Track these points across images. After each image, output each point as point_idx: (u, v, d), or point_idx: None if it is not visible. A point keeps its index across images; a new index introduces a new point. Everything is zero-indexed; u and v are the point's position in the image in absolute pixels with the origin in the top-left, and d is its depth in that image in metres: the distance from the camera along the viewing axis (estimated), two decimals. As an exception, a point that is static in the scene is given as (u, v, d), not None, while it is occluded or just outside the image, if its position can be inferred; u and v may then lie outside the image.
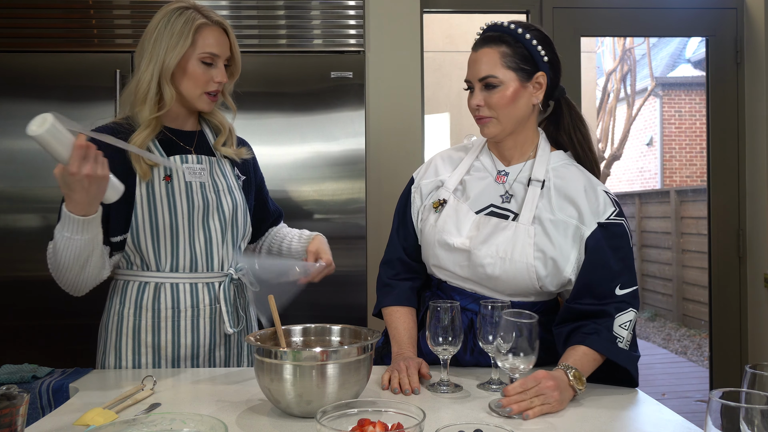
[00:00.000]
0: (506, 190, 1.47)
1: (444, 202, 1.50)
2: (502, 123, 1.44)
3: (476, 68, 1.43)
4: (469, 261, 1.43)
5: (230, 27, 1.56)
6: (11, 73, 2.41)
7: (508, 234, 1.40)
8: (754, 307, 2.94)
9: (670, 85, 11.20)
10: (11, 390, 0.88)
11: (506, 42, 1.42)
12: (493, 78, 1.41)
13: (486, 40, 1.44)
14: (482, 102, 1.43)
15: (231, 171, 1.62)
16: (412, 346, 1.48)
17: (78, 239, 1.33)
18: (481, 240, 1.42)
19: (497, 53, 1.41)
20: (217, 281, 1.55)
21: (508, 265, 1.39)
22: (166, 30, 1.47)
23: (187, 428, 0.98)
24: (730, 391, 0.75)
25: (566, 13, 2.93)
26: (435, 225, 1.48)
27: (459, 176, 1.52)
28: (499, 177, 1.49)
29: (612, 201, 1.42)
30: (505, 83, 1.41)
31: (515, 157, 1.50)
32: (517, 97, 1.42)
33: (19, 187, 2.38)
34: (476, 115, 1.45)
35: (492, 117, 1.43)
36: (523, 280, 1.40)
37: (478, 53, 1.43)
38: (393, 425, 0.93)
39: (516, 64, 1.41)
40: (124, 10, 2.49)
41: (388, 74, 2.75)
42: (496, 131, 1.45)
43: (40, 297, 2.34)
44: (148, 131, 1.48)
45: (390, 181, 2.70)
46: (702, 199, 6.99)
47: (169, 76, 1.48)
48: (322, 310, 2.40)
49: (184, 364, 1.52)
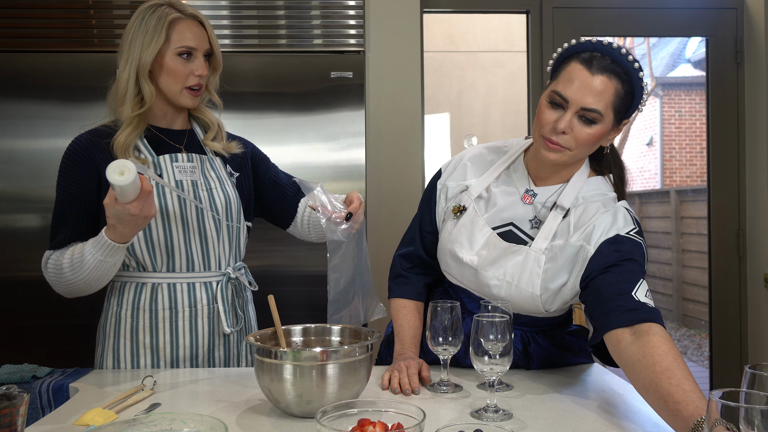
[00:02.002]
0: (535, 215, 1.39)
1: (464, 210, 1.44)
2: (573, 157, 1.32)
3: (585, 93, 1.25)
4: (476, 278, 1.41)
5: (206, 19, 1.55)
6: (11, 73, 2.41)
7: (519, 259, 1.35)
8: (754, 307, 2.94)
9: (670, 85, 11.19)
10: (11, 390, 0.88)
11: (622, 79, 1.27)
12: (597, 114, 1.26)
13: (606, 68, 1.26)
14: (569, 129, 1.27)
15: (223, 168, 1.62)
16: (415, 347, 1.48)
17: (110, 261, 1.38)
18: (490, 261, 1.38)
19: (613, 89, 1.26)
20: (215, 280, 1.55)
21: (513, 290, 1.35)
22: (141, 28, 1.49)
23: (187, 428, 0.98)
24: (730, 391, 0.75)
25: (566, 13, 2.93)
26: (450, 233, 1.45)
27: (485, 184, 1.44)
28: (526, 197, 1.40)
29: (633, 219, 1.32)
30: (603, 123, 1.28)
31: (550, 180, 1.40)
32: (601, 138, 1.31)
33: (19, 187, 2.38)
34: (549, 137, 1.29)
35: (567, 148, 1.29)
36: (527, 305, 1.37)
37: (595, 79, 1.25)
38: (393, 425, 0.93)
39: (620, 107, 1.29)
40: (124, 10, 2.49)
41: (388, 74, 2.74)
42: (562, 161, 1.32)
43: (40, 297, 2.33)
44: (129, 129, 1.48)
45: (390, 182, 2.70)
46: (702, 199, 6.99)
47: (146, 74, 1.48)
48: (322, 309, 2.40)
49: (183, 364, 1.52)
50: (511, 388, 1.34)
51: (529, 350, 1.48)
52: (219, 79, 1.63)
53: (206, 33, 1.53)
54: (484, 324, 1.15)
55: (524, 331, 1.47)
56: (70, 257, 1.41)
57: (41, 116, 2.39)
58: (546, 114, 1.29)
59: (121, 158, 1.44)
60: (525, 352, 1.48)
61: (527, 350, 1.48)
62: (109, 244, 1.34)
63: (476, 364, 1.16)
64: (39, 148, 2.38)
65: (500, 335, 1.15)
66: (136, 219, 1.28)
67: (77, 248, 1.41)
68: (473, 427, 0.87)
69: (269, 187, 1.70)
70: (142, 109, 1.50)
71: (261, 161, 1.72)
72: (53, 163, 2.36)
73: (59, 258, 1.43)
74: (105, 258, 1.37)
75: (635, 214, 1.35)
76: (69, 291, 1.46)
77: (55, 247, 1.46)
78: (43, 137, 2.38)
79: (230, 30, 2.53)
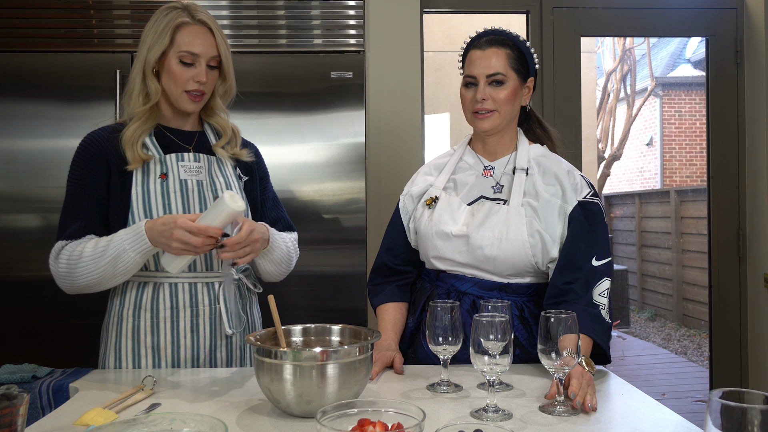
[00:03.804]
0: (496, 182, 1.58)
1: (436, 199, 1.60)
2: (501, 117, 1.56)
3: (485, 64, 1.54)
4: (468, 245, 1.52)
5: (218, 27, 1.54)
6: (11, 73, 2.41)
7: (502, 216, 1.51)
8: (754, 307, 2.95)
9: (670, 85, 11.19)
10: (11, 390, 0.88)
11: (509, 46, 1.56)
12: (501, 75, 1.53)
13: (492, 42, 1.55)
14: (488, 96, 1.53)
15: (232, 171, 1.62)
16: (395, 333, 1.60)
17: (139, 261, 1.42)
18: (478, 224, 1.52)
19: (504, 54, 1.54)
20: (217, 281, 1.55)
21: (505, 245, 1.49)
22: (152, 28, 1.51)
23: (187, 428, 0.98)
24: (730, 391, 0.75)
25: (566, 13, 2.93)
26: (431, 219, 1.58)
27: (447, 176, 1.64)
28: (487, 172, 1.61)
29: (587, 183, 1.55)
30: (509, 81, 1.54)
31: (500, 152, 1.62)
32: (516, 96, 1.56)
33: (19, 187, 2.38)
34: (478, 108, 1.54)
35: (494, 111, 1.54)
36: (519, 257, 1.49)
37: (486, 52, 1.54)
38: (393, 425, 0.93)
39: (517, 66, 1.55)
40: (124, 10, 2.49)
41: (388, 74, 2.75)
42: (494, 124, 1.56)
43: (40, 297, 2.34)
44: (137, 124, 1.50)
45: (390, 182, 2.70)
46: (702, 199, 6.99)
47: (150, 71, 1.50)
48: (321, 310, 2.40)
49: (184, 365, 1.52)
50: (511, 388, 1.34)
51: (525, 315, 1.53)
52: (234, 88, 1.62)
53: (214, 40, 1.52)
54: (484, 324, 1.15)
55: (515, 301, 1.54)
56: (93, 245, 1.42)
57: (41, 116, 2.39)
58: (466, 95, 1.57)
59: (129, 152, 1.47)
60: (521, 317, 1.53)
61: (523, 315, 1.53)
62: (141, 232, 1.38)
63: (476, 363, 1.16)
64: (39, 148, 2.38)
65: (500, 335, 1.15)
66: (173, 231, 1.33)
67: (103, 237, 1.44)
68: (473, 427, 0.88)
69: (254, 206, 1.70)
70: (146, 106, 1.51)
71: (262, 179, 1.72)
72: (53, 163, 2.35)
73: (76, 248, 1.43)
74: (130, 248, 1.39)
75: (588, 179, 1.58)
76: (76, 286, 1.45)
77: (67, 238, 1.46)
78: (43, 137, 2.38)
79: (230, 30, 2.53)
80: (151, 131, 1.54)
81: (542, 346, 1.18)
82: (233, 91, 1.62)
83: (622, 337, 7.02)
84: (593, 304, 1.46)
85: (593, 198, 1.53)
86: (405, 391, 1.32)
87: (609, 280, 1.49)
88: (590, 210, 1.51)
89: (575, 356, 1.20)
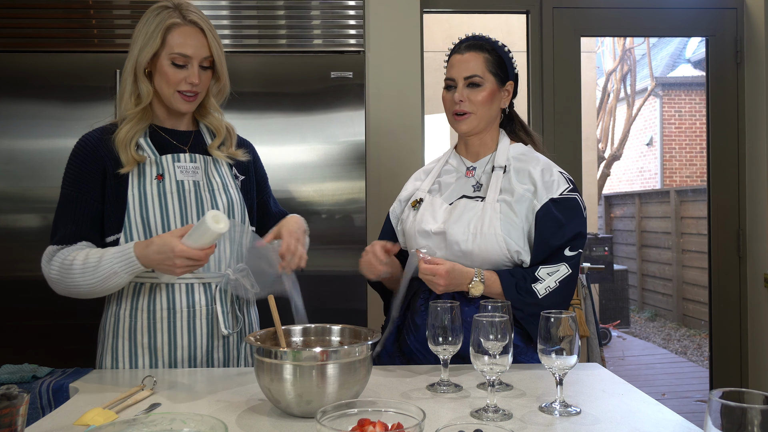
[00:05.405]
0: (477, 181, 1.64)
1: (421, 201, 1.67)
2: (479, 119, 1.61)
3: (463, 67, 1.60)
4: (446, 241, 1.56)
5: (211, 27, 1.52)
6: (11, 73, 2.41)
7: (477, 212, 1.55)
8: (754, 307, 2.95)
9: (670, 85, 11.19)
10: (11, 390, 0.88)
11: (487, 50, 1.62)
12: (478, 78, 1.59)
13: (471, 47, 1.61)
14: (465, 98, 1.59)
15: (228, 170, 1.62)
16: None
17: (122, 277, 1.41)
18: (454, 220, 1.57)
19: (482, 58, 1.60)
20: (214, 281, 1.55)
21: (479, 239, 1.53)
22: (143, 28, 1.50)
23: (187, 428, 0.98)
24: (730, 391, 0.75)
25: (566, 13, 2.93)
26: (414, 219, 1.64)
27: (432, 179, 1.70)
28: (469, 172, 1.66)
29: (566, 179, 1.58)
30: (486, 84, 1.59)
31: (482, 153, 1.67)
32: (493, 98, 1.61)
33: (19, 187, 2.38)
34: (456, 110, 1.61)
35: (471, 113, 1.60)
36: (495, 252, 1.52)
37: (465, 56, 1.61)
38: (393, 425, 0.93)
39: (495, 69, 1.61)
40: (124, 10, 2.49)
41: (388, 74, 2.75)
42: (472, 126, 1.61)
43: (40, 297, 2.32)
44: (130, 125, 1.49)
45: (390, 181, 2.69)
46: (702, 199, 6.99)
47: (142, 72, 1.49)
48: (321, 310, 2.39)
49: (181, 365, 1.51)
50: (511, 388, 1.34)
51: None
52: (228, 86, 1.60)
53: (206, 40, 1.51)
54: (484, 324, 1.15)
55: None
56: (83, 259, 1.41)
57: (41, 116, 2.39)
58: (446, 97, 1.63)
59: (122, 154, 1.46)
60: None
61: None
62: (132, 259, 1.37)
63: (476, 363, 1.16)
64: (39, 148, 2.38)
65: (500, 335, 1.15)
66: (173, 260, 1.32)
67: (93, 252, 1.42)
68: (473, 427, 0.87)
69: (257, 207, 1.70)
70: (139, 107, 1.50)
71: (260, 178, 1.72)
72: (53, 163, 2.35)
73: (68, 257, 1.42)
74: (121, 271, 1.38)
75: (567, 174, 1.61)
76: (68, 292, 1.46)
77: (57, 243, 1.46)
78: (43, 137, 2.38)
79: (230, 30, 2.53)
80: (145, 132, 1.53)
81: (542, 346, 1.18)
82: (227, 90, 1.61)
83: (622, 337, 7.02)
84: (534, 277, 1.49)
85: (570, 194, 1.56)
86: (405, 391, 1.32)
87: (566, 267, 1.51)
88: (566, 205, 1.54)
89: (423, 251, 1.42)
